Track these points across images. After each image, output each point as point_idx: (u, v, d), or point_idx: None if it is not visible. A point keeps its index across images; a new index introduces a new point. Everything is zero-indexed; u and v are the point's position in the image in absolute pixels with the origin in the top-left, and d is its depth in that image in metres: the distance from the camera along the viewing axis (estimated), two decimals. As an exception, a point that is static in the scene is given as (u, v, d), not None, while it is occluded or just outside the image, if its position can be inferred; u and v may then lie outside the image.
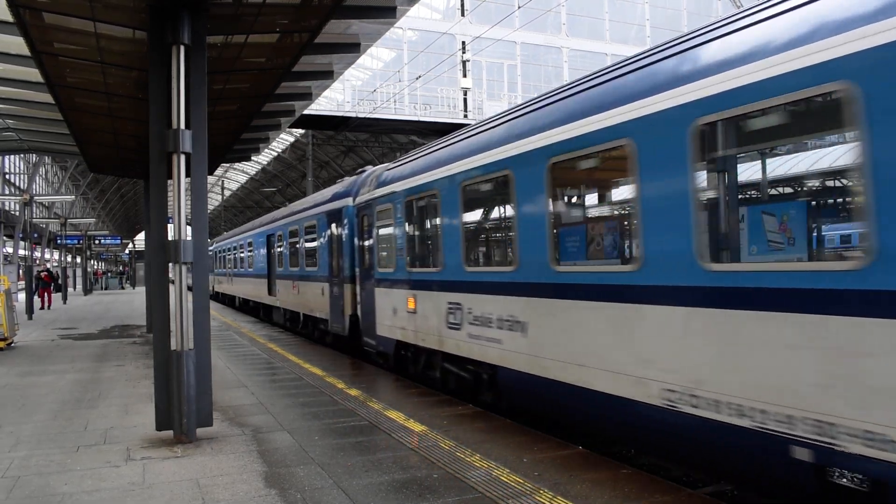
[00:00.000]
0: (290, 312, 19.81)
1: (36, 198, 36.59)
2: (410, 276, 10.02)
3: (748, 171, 6.19)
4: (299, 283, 18.12)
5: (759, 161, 5.97)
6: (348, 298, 13.55)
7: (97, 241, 54.33)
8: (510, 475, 5.73)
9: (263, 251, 23.41)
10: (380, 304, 11.49)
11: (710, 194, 5.40)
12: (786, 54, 4.48)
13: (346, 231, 13.86)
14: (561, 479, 5.64)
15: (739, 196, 5.81)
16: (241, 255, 28.53)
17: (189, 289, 6.94)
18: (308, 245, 17.19)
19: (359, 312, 13.06)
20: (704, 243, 5.12)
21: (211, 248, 37.80)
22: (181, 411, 6.88)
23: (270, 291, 22.33)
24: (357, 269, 13.13)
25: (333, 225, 14.64)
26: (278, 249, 21.09)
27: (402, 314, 10.42)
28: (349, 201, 13.71)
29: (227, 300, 35.10)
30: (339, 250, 14.29)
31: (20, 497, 5.38)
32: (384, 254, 11.31)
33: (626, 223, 6.57)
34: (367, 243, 12.22)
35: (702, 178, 5.30)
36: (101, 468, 6.12)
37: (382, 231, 11.29)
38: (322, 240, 15.64)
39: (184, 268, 6.95)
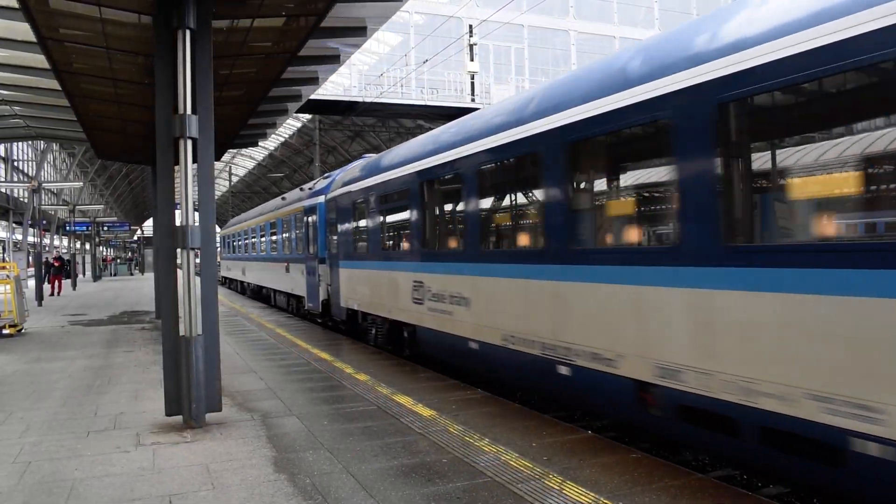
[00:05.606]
0: None
1: (44, 185, 36.72)
2: None
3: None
4: None
5: None
6: None
7: (105, 228, 54.52)
8: (519, 460, 5.72)
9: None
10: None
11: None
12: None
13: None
14: (570, 463, 5.63)
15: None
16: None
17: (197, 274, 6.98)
18: None
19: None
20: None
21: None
22: (190, 397, 6.90)
23: None
24: None
25: None
26: None
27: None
28: None
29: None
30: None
31: (31, 482, 5.41)
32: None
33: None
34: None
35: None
36: (112, 453, 6.15)
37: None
38: None
39: (191, 253, 6.95)
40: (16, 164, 43.39)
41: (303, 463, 5.77)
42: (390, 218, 11.80)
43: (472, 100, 31.60)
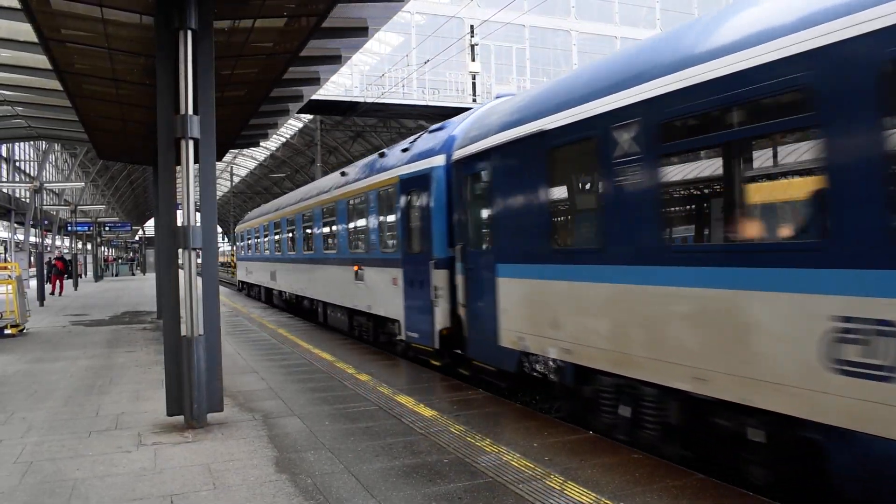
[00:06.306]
0: None
1: (46, 185, 36.78)
2: None
3: None
4: None
5: None
6: None
7: (107, 228, 54.58)
8: (520, 460, 5.72)
9: None
10: None
11: None
12: None
13: None
14: (571, 464, 5.63)
15: None
16: None
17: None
18: None
19: None
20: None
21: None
22: (192, 397, 6.90)
23: None
24: None
25: None
26: None
27: None
28: None
29: None
30: None
31: (33, 482, 5.42)
32: None
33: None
34: None
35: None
36: (113, 454, 6.16)
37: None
38: None
39: (193, 254, 6.95)
40: (17, 164, 43.46)
41: (304, 463, 5.77)
42: (702, 169, 5.84)
43: (474, 100, 31.58)
